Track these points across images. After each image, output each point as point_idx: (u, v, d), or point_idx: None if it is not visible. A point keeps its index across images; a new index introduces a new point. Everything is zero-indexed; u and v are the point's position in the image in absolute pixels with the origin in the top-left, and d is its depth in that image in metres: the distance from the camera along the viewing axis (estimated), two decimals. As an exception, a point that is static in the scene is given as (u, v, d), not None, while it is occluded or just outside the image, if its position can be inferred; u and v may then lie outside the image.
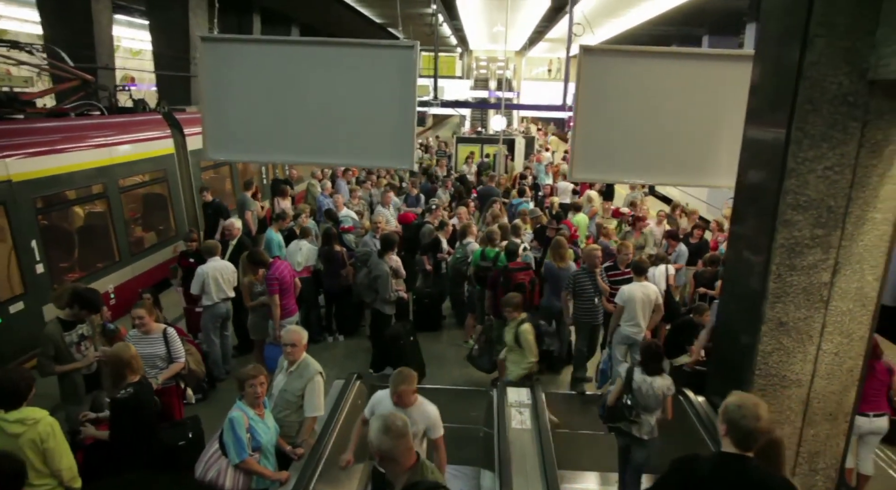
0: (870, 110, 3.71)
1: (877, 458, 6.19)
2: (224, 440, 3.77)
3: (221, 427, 3.95)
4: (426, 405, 4.19)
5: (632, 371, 4.90)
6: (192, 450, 4.74)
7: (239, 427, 3.71)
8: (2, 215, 6.96)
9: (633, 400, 4.78)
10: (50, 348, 4.77)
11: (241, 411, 3.80)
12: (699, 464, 2.93)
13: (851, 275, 4.01)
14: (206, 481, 3.67)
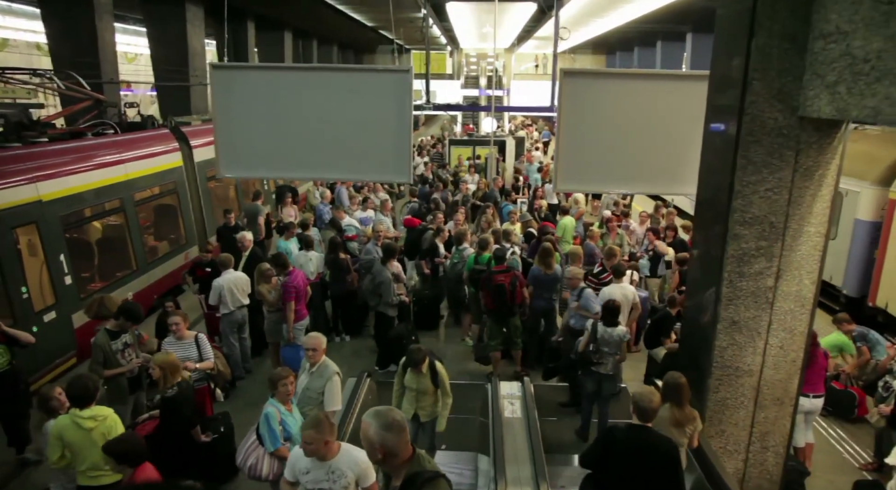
0: (801, 141, 4.38)
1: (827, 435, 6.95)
2: (260, 432, 4.41)
3: (257, 421, 4.59)
4: (353, 452, 3.76)
5: (595, 325, 6.18)
6: (224, 442, 5.41)
7: (273, 421, 4.36)
8: (34, 233, 7.54)
9: (596, 347, 6.03)
10: (99, 355, 5.41)
11: (274, 407, 4.44)
12: (617, 432, 4.22)
13: (791, 280, 4.69)
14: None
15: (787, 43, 4.22)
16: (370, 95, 7.41)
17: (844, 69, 3.78)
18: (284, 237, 8.98)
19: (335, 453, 3.74)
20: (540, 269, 7.46)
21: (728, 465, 4.95)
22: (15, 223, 7.22)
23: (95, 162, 8.93)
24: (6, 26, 24.83)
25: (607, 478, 4.11)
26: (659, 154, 6.82)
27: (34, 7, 21.52)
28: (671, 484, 3.95)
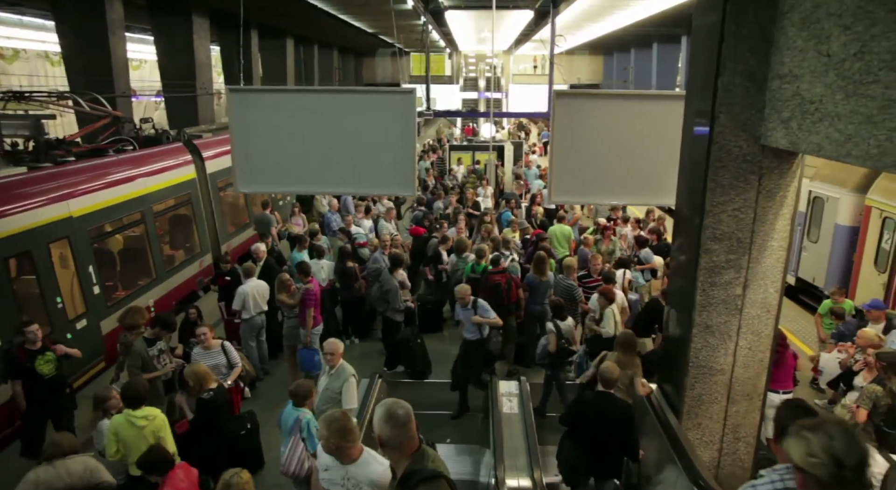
0: (763, 167, 4.95)
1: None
2: (303, 437, 4.95)
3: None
4: (373, 464, 3.60)
5: (557, 324, 7.17)
6: (250, 438, 5.99)
7: (312, 427, 4.92)
8: (66, 247, 8.12)
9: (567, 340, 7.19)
10: (138, 360, 6.00)
11: (310, 414, 5.01)
12: (586, 397, 5.49)
13: (757, 288, 5.26)
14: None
15: (748, 81, 4.79)
16: (376, 115, 7.98)
17: (796, 107, 4.35)
18: (297, 248, 9.56)
19: (354, 459, 3.60)
20: (535, 277, 8.05)
21: (704, 454, 5.53)
22: (50, 238, 7.80)
23: (118, 178, 9.51)
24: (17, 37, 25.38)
25: (580, 431, 5.30)
26: (643, 168, 7.38)
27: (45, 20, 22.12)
28: (626, 434, 5.32)
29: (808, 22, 4.16)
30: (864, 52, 3.55)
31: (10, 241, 7.12)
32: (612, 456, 5.34)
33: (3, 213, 7.08)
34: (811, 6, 4.13)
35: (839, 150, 3.83)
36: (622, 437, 5.28)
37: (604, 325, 7.28)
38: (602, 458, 5.29)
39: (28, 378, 5.92)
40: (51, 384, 6.06)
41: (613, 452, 5.33)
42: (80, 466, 4.50)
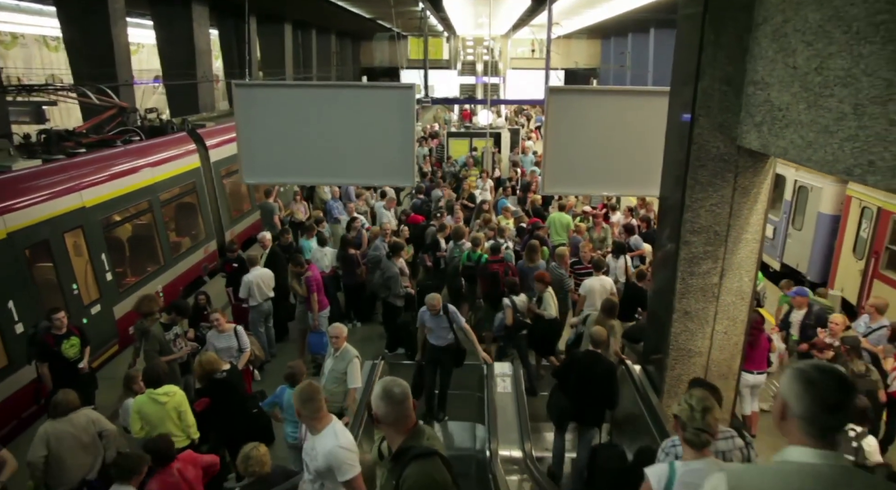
0: (739, 166, 5.33)
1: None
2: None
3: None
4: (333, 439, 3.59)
5: (513, 300, 7.71)
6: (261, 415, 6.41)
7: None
8: (80, 236, 8.49)
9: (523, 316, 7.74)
10: (156, 344, 6.42)
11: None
12: (579, 355, 6.20)
13: (733, 277, 5.67)
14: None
15: (725, 86, 5.15)
16: (377, 109, 8.32)
17: (766, 113, 4.72)
18: (306, 237, 9.94)
19: (318, 431, 3.65)
20: (526, 264, 8.47)
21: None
22: (65, 228, 8.17)
23: (127, 168, 9.85)
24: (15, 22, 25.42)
25: (570, 384, 6.02)
26: (632, 160, 7.76)
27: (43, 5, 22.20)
28: (609, 389, 6.04)
29: (778, 35, 4.52)
30: (822, 67, 3.92)
31: (30, 232, 7.49)
32: (595, 407, 6.07)
33: (23, 205, 7.44)
34: (781, 20, 4.49)
35: (801, 154, 4.21)
36: (606, 390, 6.00)
37: (544, 307, 7.70)
38: (587, 408, 6.04)
39: (54, 360, 6.36)
40: (75, 366, 6.49)
41: (597, 404, 6.07)
42: (84, 418, 5.18)
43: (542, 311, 7.75)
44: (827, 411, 1.88)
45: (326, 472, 3.55)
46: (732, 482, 1.90)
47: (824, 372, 1.94)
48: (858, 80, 3.56)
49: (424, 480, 2.75)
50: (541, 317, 7.72)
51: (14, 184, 7.58)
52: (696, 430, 3.15)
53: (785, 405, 1.98)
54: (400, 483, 2.78)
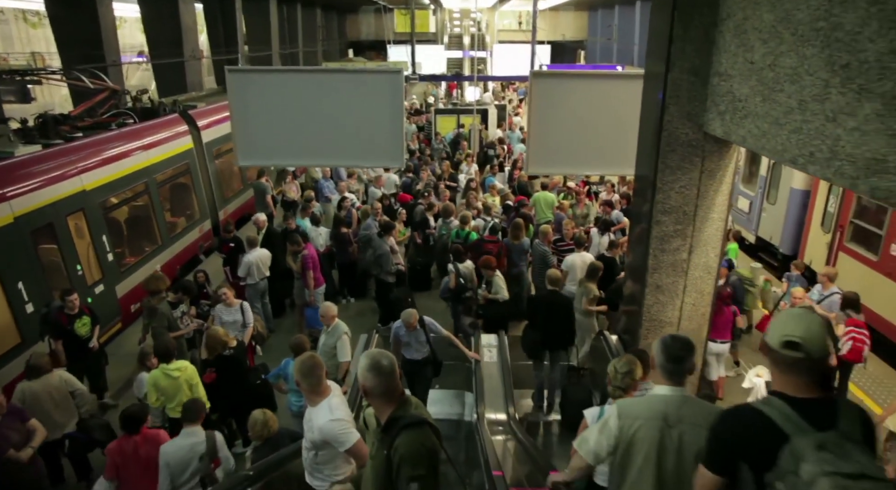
0: (706, 151, 5.75)
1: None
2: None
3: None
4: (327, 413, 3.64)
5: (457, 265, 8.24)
6: (265, 386, 6.86)
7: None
8: (82, 218, 8.80)
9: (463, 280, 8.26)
10: (164, 321, 6.82)
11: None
12: (542, 294, 7.20)
13: (700, 254, 6.13)
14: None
15: (693, 77, 5.54)
16: (367, 93, 8.63)
17: (729, 103, 5.13)
18: (301, 215, 10.31)
19: (315, 404, 3.72)
20: (510, 240, 8.91)
21: (654, 393, 6.51)
22: (68, 211, 8.47)
23: (123, 151, 10.11)
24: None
25: (537, 319, 7.11)
26: (612, 141, 8.13)
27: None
28: (568, 317, 7.22)
29: (739, 31, 4.91)
30: (775, 64, 4.32)
31: (35, 215, 7.79)
32: (560, 334, 7.23)
33: (28, 190, 7.73)
34: (741, 18, 4.87)
35: (756, 143, 4.64)
36: (566, 320, 7.23)
37: (496, 290, 8.03)
38: (554, 335, 7.20)
39: (67, 338, 6.75)
40: (86, 344, 6.90)
41: (561, 331, 7.21)
42: (56, 379, 5.82)
43: (495, 296, 8.04)
44: (674, 360, 3.03)
45: (321, 444, 3.66)
46: (621, 406, 3.14)
47: (675, 339, 3.18)
48: (802, 78, 3.96)
49: (416, 448, 2.81)
50: (495, 301, 8.02)
51: (18, 169, 7.85)
52: (615, 387, 4.27)
53: (653, 359, 3.17)
54: (392, 452, 2.83)
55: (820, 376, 2.21)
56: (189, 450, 4.78)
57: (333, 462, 3.75)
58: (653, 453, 2.91)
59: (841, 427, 2.06)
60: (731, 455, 2.27)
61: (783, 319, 2.33)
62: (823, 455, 1.93)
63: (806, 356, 2.15)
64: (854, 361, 6.80)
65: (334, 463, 3.76)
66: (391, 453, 2.85)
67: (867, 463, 1.92)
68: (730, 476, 2.30)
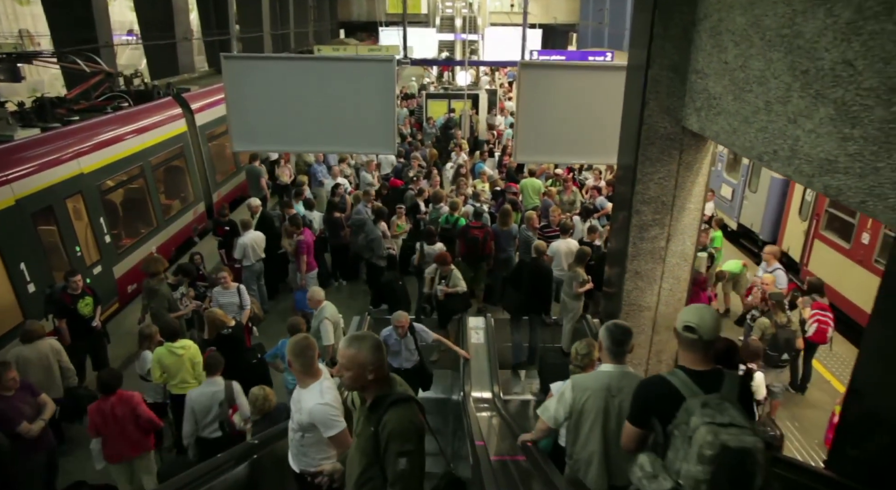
0: (683, 144, 6.04)
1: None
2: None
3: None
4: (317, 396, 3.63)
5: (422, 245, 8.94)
6: (261, 365, 7.17)
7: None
8: (80, 201, 9.00)
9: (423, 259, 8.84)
10: (164, 302, 7.08)
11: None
12: (527, 260, 7.84)
13: (677, 241, 6.45)
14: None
15: (672, 73, 5.81)
16: (359, 80, 8.84)
17: (704, 100, 5.41)
18: (296, 200, 10.54)
19: (306, 385, 3.73)
20: (499, 227, 9.22)
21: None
22: (66, 194, 8.66)
23: (119, 134, 10.26)
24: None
25: (522, 283, 7.82)
26: (597, 130, 8.41)
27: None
28: (548, 283, 8.05)
29: (714, 32, 5.18)
30: (745, 66, 4.61)
31: (36, 198, 7.99)
32: (540, 297, 8.04)
33: (28, 173, 7.92)
34: (717, 19, 5.14)
35: (728, 139, 4.93)
36: (546, 285, 8.05)
37: (454, 283, 8.09)
38: (534, 298, 7.96)
39: (71, 317, 7.01)
40: (89, 323, 7.16)
41: (541, 295, 8.03)
42: (47, 346, 6.26)
43: (454, 289, 8.05)
44: (615, 343, 3.71)
45: (308, 426, 3.66)
46: (575, 380, 3.84)
47: (617, 326, 3.92)
48: (769, 81, 4.25)
49: (405, 424, 2.88)
50: (455, 294, 8.07)
51: (18, 152, 8.02)
52: (575, 365, 4.92)
53: (601, 343, 3.86)
54: (380, 428, 2.89)
55: (710, 353, 2.99)
56: (211, 397, 5.43)
57: (320, 445, 3.72)
58: (599, 417, 3.66)
59: (723, 392, 2.80)
60: (646, 412, 3.00)
61: (685, 310, 3.13)
62: (706, 410, 2.65)
63: (699, 337, 2.93)
64: (819, 342, 7.20)
65: (320, 446, 3.73)
66: (379, 430, 2.90)
67: (736, 416, 2.62)
68: (645, 428, 3.03)
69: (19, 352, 6.15)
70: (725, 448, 2.51)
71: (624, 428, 3.19)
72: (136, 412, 5.40)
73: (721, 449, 2.52)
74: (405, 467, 2.84)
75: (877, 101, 3.15)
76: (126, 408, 5.36)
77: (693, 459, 2.59)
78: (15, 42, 23.28)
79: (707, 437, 2.55)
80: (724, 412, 2.62)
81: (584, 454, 3.78)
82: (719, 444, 2.52)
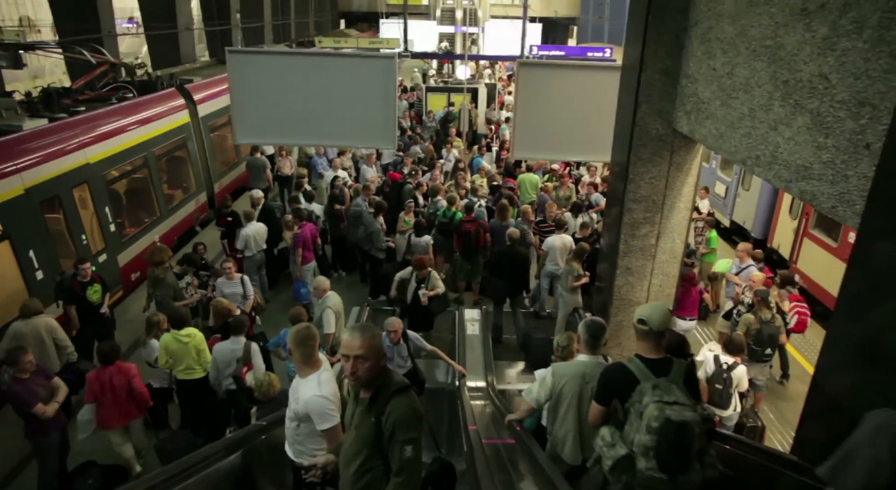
0: (674, 145, 6.27)
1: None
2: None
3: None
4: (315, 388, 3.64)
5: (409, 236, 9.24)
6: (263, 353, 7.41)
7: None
8: (86, 190, 9.19)
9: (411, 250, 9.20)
10: (170, 291, 7.31)
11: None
12: (504, 249, 8.40)
13: (667, 239, 6.69)
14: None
15: (664, 77, 6.03)
16: (361, 76, 9.04)
17: (694, 104, 5.63)
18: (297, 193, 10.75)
19: (305, 376, 3.74)
20: (497, 222, 9.44)
21: (621, 365, 7.13)
22: (72, 184, 8.85)
23: (124, 124, 10.43)
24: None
25: (503, 270, 8.34)
26: (592, 128, 8.63)
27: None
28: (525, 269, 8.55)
29: (704, 39, 5.39)
30: (732, 73, 4.83)
31: (44, 188, 8.18)
32: (518, 282, 8.57)
33: (37, 163, 8.10)
34: (706, 27, 5.35)
35: (714, 143, 5.16)
36: (523, 270, 8.56)
37: (433, 286, 7.86)
38: (515, 284, 8.51)
39: (80, 304, 7.24)
40: (97, 309, 7.39)
41: (520, 279, 8.57)
42: (43, 324, 6.59)
43: (434, 292, 7.86)
44: (592, 337, 4.26)
45: (304, 417, 3.67)
46: (555, 368, 4.37)
47: (594, 322, 4.40)
48: (753, 89, 4.48)
49: (409, 413, 2.92)
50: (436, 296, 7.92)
51: (27, 142, 8.20)
52: (556, 356, 5.19)
53: (579, 336, 4.39)
54: (383, 418, 2.92)
55: (661, 344, 3.51)
56: (230, 353, 6.15)
57: (315, 435, 3.74)
58: (574, 400, 4.19)
59: (671, 376, 3.34)
60: (609, 393, 3.54)
61: (641, 307, 3.74)
62: (655, 391, 3.19)
63: (650, 329, 3.48)
64: (800, 332, 7.50)
65: (315, 436, 3.74)
66: (382, 420, 2.92)
67: (681, 396, 3.18)
68: (608, 406, 3.58)
69: (16, 327, 6.53)
70: (668, 421, 3.06)
71: (591, 407, 3.72)
72: (132, 384, 5.86)
73: (665, 421, 3.06)
74: (411, 455, 2.88)
75: (847, 113, 3.38)
76: (123, 378, 5.84)
77: (643, 430, 3.15)
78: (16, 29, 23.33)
79: (654, 411, 3.10)
80: (670, 393, 3.17)
81: (561, 432, 4.32)
82: (664, 418, 3.07)
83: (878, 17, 3.13)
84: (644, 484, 3.18)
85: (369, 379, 2.97)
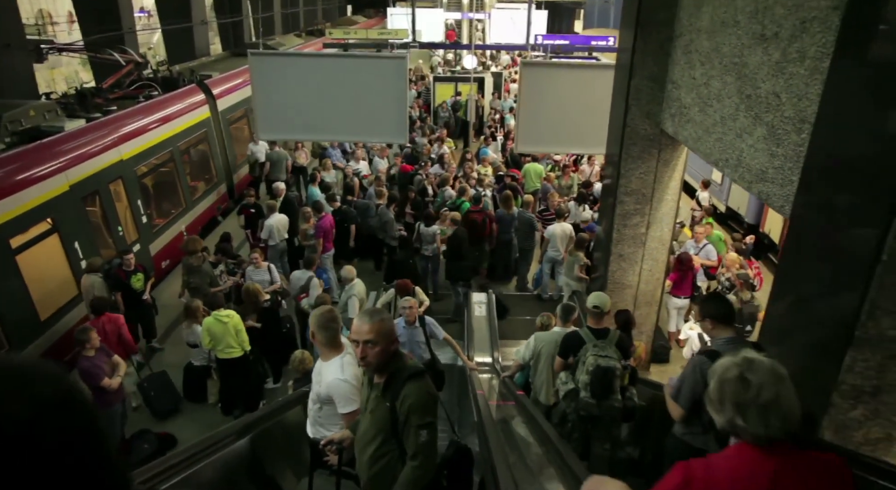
0: (662, 144, 6.91)
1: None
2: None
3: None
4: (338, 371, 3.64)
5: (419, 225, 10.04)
6: (290, 333, 8.16)
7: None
8: (120, 184, 9.90)
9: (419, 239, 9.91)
10: (206, 279, 8.05)
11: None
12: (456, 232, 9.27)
13: (656, 228, 7.36)
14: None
15: (651, 83, 6.66)
16: (374, 75, 9.68)
17: (677, 109, 6.27)
18: (314, 185, 11.45)
19: (328, 359, 3.74)
20: (503, 211, 10.11)
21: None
22: (110, 179, 9.56)
23: (153, 121, 11.11)
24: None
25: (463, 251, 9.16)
26: (591, 124, 9.24)
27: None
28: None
29: (686, 50, 6.01)
30: (707, 84, 5.46)
31: (85, 184, 8.89)
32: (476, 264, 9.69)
33: (77, 161, 8.81)
34: (688, 39, 5.97)
35: (694, 145, 5.81)
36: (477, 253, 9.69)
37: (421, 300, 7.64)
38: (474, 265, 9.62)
39: (125, 291, 8.00)
40: (140, 296, 8.16)
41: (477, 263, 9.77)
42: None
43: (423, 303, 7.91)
44: (564, 316, 5.83)
45: (326, 399, 3.71)
46: (537, 336, 5.90)
47: (567, 305, 5.94)
48: (724, 99, 5.12)
49: (423, 397, 2.92)
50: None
51: (69, 142, 8.91)
52: (539, 327, 6.30)
53: (556, 314, 5.94)
54: (398, 403, 2.91)
55: (604, 319, 5.09)
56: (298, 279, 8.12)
57: (336, 417, 3.77)
58: (549, 359, 5.63)
59: (607, 340, 4.90)
60: (567, 349, 5.06)
61: (591, 296, 5.26)
62: (594, 348, 4.84)
63: (599, 310, 5.08)
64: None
65: (336, 418, 3.77)
66: (397, 404, 2.92)
67: (611, 351, 4.82)
68: (566, 359, 5.06)
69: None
70: (598, 366, 4.73)
71: (555, 361, 5.27)
72: (121, 331, 6.93)
73: (596, 367, 4.73)
74: (426, 439, 2.90)
75: (793, 127, 4.03)
76: (114, 326, 6.90)
77: (583, 372, 4.81)
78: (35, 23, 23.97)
79: (591, 360, 4.78)
80: (604, 350, 4.83)
81: (538, 381, 5.86)
82: (595, 364, 4.74)
83: (815, 50, 3.76)
84: (583, 407, 4.81)
85: (380, 363, 2.96)
